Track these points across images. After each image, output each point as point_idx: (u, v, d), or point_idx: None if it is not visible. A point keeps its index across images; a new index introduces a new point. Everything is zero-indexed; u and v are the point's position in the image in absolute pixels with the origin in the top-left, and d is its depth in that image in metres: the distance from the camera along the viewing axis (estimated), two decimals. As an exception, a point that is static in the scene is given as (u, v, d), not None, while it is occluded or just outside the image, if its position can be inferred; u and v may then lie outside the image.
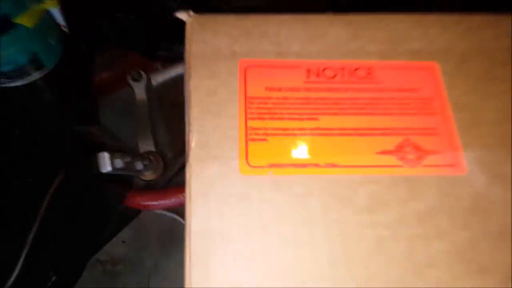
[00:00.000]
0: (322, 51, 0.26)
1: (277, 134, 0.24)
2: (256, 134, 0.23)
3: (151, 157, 0.44)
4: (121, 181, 0.46)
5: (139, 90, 0.48)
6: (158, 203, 0.49)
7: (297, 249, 0.21)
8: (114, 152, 0.39)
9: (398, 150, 0.23)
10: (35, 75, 0.41)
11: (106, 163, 0.38)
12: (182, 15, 0.26)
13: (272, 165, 0.23)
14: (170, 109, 0.54)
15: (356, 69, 0.26)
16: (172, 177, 0.51)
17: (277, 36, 0.26)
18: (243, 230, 0.21)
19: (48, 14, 0.40)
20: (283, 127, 0.24)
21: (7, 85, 0.42)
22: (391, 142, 0.24)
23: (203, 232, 0.21)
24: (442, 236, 0.22)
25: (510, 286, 0.21)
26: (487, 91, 0.25)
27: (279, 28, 0.26)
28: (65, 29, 0.43)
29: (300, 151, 0.23)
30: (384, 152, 0.23)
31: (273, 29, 0.26)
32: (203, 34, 0.26)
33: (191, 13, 0.26)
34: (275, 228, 0.21)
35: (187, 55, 0.25)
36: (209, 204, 0.22)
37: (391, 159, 0.23)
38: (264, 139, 0.23)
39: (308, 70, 0.25)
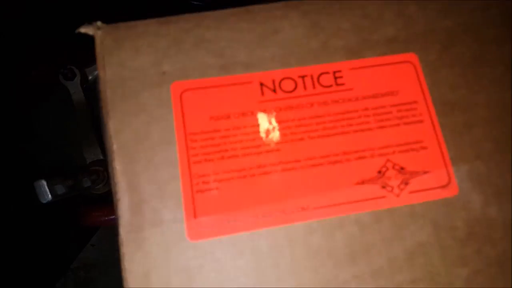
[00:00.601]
0: (276, 55, 0.20)
1: (231, 178, 0.19)
2: (203, 182, 0.19)
3: (100, 168, 0.38)
4: (72, 200, 0.41)
5: (75, 90, 0.41)
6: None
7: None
8: (53, 177, 0.33)
9: (380, 177, 0.19)
10: None
11: (45, 192, 0.33)
12: (87, 29, 0.19)
13: (228, 221, 0.18)
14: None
15: (320, 75, 0.20)
16: None
17: (217, 42, 0.20)
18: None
19: None
20: (237, 168, 0.19)
21: None
22: (370, 167, 0.19)
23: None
24: (436, 279, 0.18)
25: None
26: (478, 82, 0.21)
27: (218, 31, 0.20)
28: None
29: (261, 196, 0.19)
30: (363, 182, 0.19)
31: (210, 33, 0.20)
32: (119, 53, 0.20)
33: (100, 24, 0.20)
34: (243, 302, 0.18)
35: (101, 85, 0.19)
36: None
37: (373, 190, 0.19)
38: (215, 188, 0.19)
39: (262, 85, 0.20)
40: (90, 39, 0.20)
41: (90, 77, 0.44)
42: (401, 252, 0.19)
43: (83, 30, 0.20)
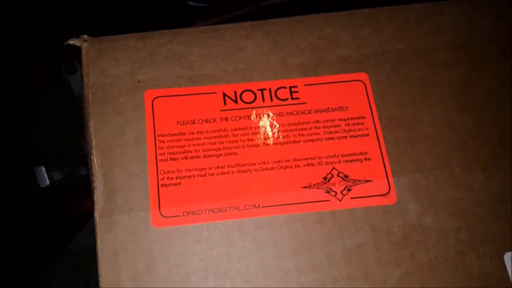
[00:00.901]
0: (239, 69, 0.23)
1: (192, 176, 0.21)
2: (168, 178, 0.21)
3: None
4: (67, 187, 0.44)
5: (76, 84, 0.44)
6: None
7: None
8: (50, 164, 0.37)
9: (325, 183, 0.21)
10: None
11: (43, 177, 0.36)
12: (75, 41, 0.23)
13: (187, 213, 0.21)
14: None
15: (277, 89, 0.23)
16: None
17: (187, 56, 0.23)
18: (159, 290, 0.20)
19: None
20: (198, 167, 0.21)
21: None
22: (317, 173, 0.22)
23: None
24: (370, 276, 0.20)
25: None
26: (424, 101, 0.23)
27: (188, 46, 0.23)
28: None
29: (218, 193, 0.21)
30: (309, 186, 0.21)
31: (182, 48, 0.23)
32: (101, 63, 0.22)
33: (86, 37, 0.23)
34: (195, 284, 0.20)
35: (85, 89, 0.22)
36: (119, 266, 0.20)
37: (318, 193, 0.21)
38: (178, 183, 0.21)
39: (225, 95, 0.22)
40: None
41: None
42: (340, 250, 0.21)
43: (71, 42, 0.23)
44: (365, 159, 0.22)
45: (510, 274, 0.20)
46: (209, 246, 0.21)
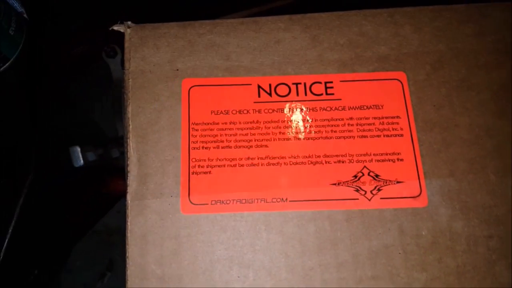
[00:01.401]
0: (276, 62, 0.23)
1: (222, 165, 0.22)
2: (199, 166, 0.22)
3: None
4: (100, 168, 0.46)
5: (115, 67, 0.46)
6: None
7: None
8: (85, 145, 0.38)
9: (355, 181, 0.21)
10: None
11: (77, 157, 0.37)
12: (119, 27, 0.23)
13: (216, 201, 0.21)
14: None
15: (312, 83, 0.23)
16: None
17: (226, 47, 0.23)
18: (184, 277, 0.21)
19: (4, 3, 0.37)
20: (229, 157, 0.22)
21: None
22: (347, 171, 0.22)
23: (141, 280, 0.21)
24: (396, 278, 0.20)
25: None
26: (462, 104, 0.22)
27: (227, 37, 0.23)
28: (25, 15, 0.40)
29: (247, 184, 0.21)
30: (339, 183, 0.21)
31: (220, 39, 0.23)
32: (143, 50, 0.23)
33: (130, 23, 0.23)
34: (218, 274, 0.20)
35: (125, 75, 0.23)
36: (147, 249, 0.21)
37: (347, 191, 0.21)
38: (208, 172, 0.22)
39: (259, 87, 0.23)
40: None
41: None
42: (366, 250, 0.21)
43: (115, 27, 0.23)
44: (398, 159, 0.22)
45: None
46: (235, 236, 0.21)
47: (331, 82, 0.23)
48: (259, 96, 0.23)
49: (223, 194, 0.21)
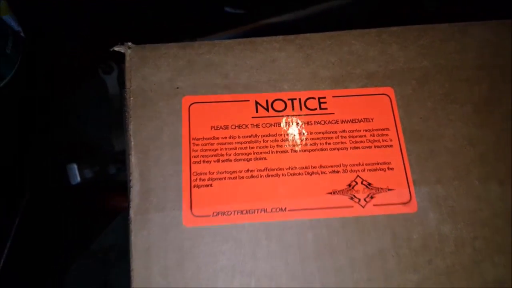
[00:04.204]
0: (272, 79, 0.29)
1: (223, 178, 0.27)
2: (200, 179, 0.27)
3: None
4: (97, 185, 0.51)
5: (111, 83, 0.52)
6: None
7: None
8: (82, 162, 0.43)
9: (349, 189, 0.27)
10: None
11: (75, 174, 0.42)
12: (120, 48, 0.29)
13: (217, 213, 0.27)
14: None
15: (307, 99, 0.29)
16: None
17: (224, 66, 0.29)
18: (188, 286, 0.26)
19: (1, 22, 0.43)
20: (229, 170, 0.27)
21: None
22: (342, 180, 0.27)
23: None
24: (390, 280, 0.26)
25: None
26: (446, 117, 0.28)
27: (225, 57, 0.29)
28: (22, 34, 0.46)
29: (247, 196, 0.27)
30: (334, 192, 0.27)
31: (219, 58, 0.29)
32: (143, 69, 0.29)
33: (130, 44, 0.29)
34: (222, 282, 0.26)
35: (127, 93, 0.28)
36: (150, 262, 0.26)
37: (342, 200, 0.27)
38: (210, 184, 0.27)
39: (257, 103, 0.28)
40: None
41: None
42: (362, 254, 0.26)
43: (116, 48, 0.29)
44: (388, 168, 0.27)
45: None
46: (237, 246, 0.26)
47: (324, 97, 0.29)
48: (256, 111, 0.28)
49: (224, 206, 0.27)
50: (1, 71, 0.45)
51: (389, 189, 0.27)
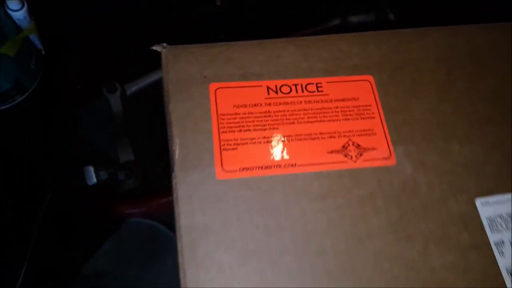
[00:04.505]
0: (279, 71, 0.38)
1: (245, 143, 0.35)
2: (228, 144, 0.35)
3: (132, 167, 0.55)
4: (104, 191, 0.58)
5: (115, 101, 0.60)
6: (145, 209, 0.61)
7: (266, 235, 0.33)
8: (98, 165, 0.51)
9: (343, 150, 0.36)
10: (18, 98, 0.53)
11: (92, 176, 0.50)
12: (157, 48, 0.38)
13: (242, 169, 0.35)
14: (146, 116, 0.66)
15: (307, 84, 0.38)
16: (153, 182, 0.63)
17: (240, 61, 0.38)
18: (222, 223, 0.33)
19: (27, 40, 0.51)
20: (249, 137, 0.36)
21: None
22: (337, 143, 0.36)
23: (190, 227, 0.33)
24: (378, 214, 0.34)
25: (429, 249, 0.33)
26: (415, 96, 0.38)
27: (241, 54, 0.38)
28: (43, 52, 0.54)
29: (265, 156, 0.35)
30: (332, 151, 0.36)
31: (236, 55, 0.38)
32: (177, 63, 0.38)
33: (165, 45, 0.38)
34: (248, 219, 0.33)
35: (165, 82, 0.37)
36: (193, 204, 0.33)
37: (338, 157, 0.35)
38: (235, 148, 0.35)
39: (269, 88, 0.37)
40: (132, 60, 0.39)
41: (128, 92, 0.63)
42: (355, 197, 0.34)
43: (154, 48, 0.38)
44: (372, 134, 0.36)
45: (480, 212, 0.34)
46: (258, 193, 0.34)
47: (321, 83, 0.38)
48: (268, 94, 0.37)
49: (247, 163, 0.35)
50: (26, 84, 0.53)
51: (373, 149, 0.35)
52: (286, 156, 0.34)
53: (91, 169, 0.48)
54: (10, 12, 0.49)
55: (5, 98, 0.51)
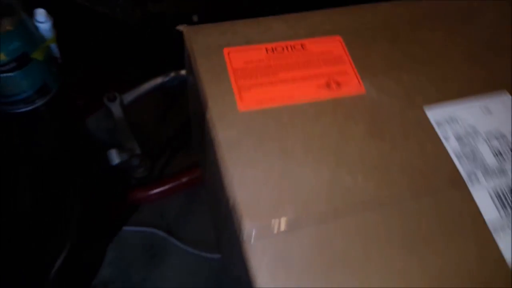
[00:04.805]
0: (272, 37, 0.53)
1: (257, 85, 0.49)
2: (243, 87, 0.49)
3: (141, 158, 0.68)
4: (121, 178, 0.70)
5: (115, 109, 0.73)
6: (159, 190, 0.73)
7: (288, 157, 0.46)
8: (119, 148, 0.63)
9: (327, 85, 0.50)
10: (39, 102, 0.64)
11: (115, 157, 0.62)
12: (180, 27, 0.52)
13: (257, 102, 0.48)
14: (141, 121, 0.79)
15: (294, 45, 0.53)
16: (161, 171, 0.75)
17: (244, 32, 0.53)
18: (248, 138, 0.46)
19: (49, 49, 0.64)
20: (259, 82, 0.49)
21: (14, 111, 0.64)
22: (323, 81, 0.50)
23: (228, 138, 0.46)
24: (358, 124, 0.48)
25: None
26: (374, 46, 0.53)
27: (244, 27, 0.53)
28: (60, 60, 0.67)
29: (274, 93, 0.49)
30: (319, 86, 0.50)
31: (240, 28, 0.53)
32: (197, 37, 0.52)
33: (186, 25, 0.52)
34: (268, 136, 0.47)
35: (189, 51, 0.51)
36: (226, 121, 0.46)
37: (325, 90, 0.50)
38: (249, 90, 0.49)
39: (267, 49, 0.52)
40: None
41: (125, 101, 0.76)
42: (340, 115, 0.49)
43: (178, 27, 0.52)
44: (346, 73, 0.51)
45: (428, 116, 0.49)
46: (274, 121, 0.48)
47: (304, 44, 0.53)
48: (267, 52, 0.52)
49: (262, 98, 0.49)
50: (51, 85, 0.65)
51: (348, 83, 0.50)
52: (289, 93, 0.48)
53: (114, 151, 0.60)
54: (37, 24, 0.61)
55: (28, 101, 0.62)
